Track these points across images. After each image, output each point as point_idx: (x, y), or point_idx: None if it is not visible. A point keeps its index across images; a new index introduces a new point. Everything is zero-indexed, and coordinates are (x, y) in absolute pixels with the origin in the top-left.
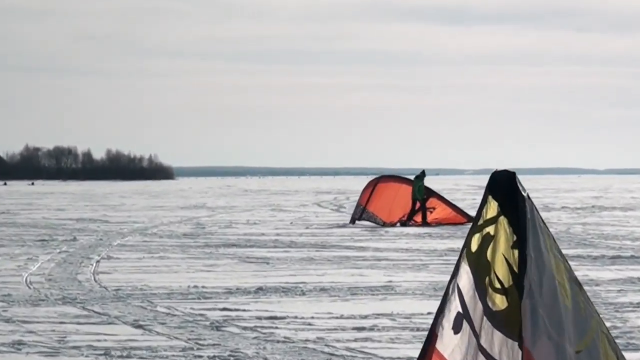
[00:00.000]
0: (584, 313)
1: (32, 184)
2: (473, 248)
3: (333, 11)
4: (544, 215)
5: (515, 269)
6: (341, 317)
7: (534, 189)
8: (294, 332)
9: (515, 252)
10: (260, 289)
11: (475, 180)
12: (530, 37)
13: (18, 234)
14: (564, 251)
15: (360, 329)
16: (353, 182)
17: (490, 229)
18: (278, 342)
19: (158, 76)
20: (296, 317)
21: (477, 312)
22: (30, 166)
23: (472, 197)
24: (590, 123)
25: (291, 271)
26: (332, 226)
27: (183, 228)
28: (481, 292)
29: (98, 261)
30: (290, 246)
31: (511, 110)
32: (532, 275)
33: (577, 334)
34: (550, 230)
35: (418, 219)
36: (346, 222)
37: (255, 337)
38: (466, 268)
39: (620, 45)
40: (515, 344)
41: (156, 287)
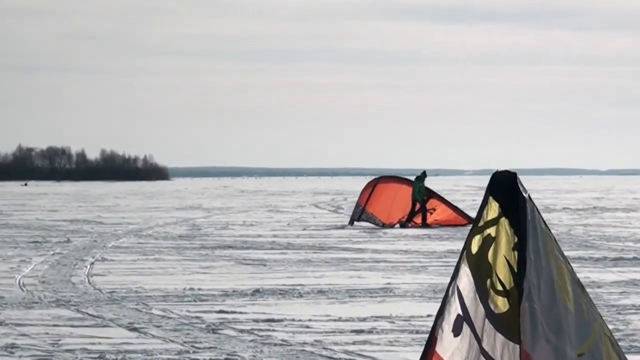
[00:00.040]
0: (586, 315)
1: (25, 184)
2: (473, 250)
3: (332, 10)
4: (544, 216)
5: (517, 271)
6: (339, 319)
7: (535, 189)
8: (291, 335)
9: (517, 254)
10: (257, 291)
11: (475, 181)
12: (530, 36)
13: (11, 236)
14: (565, 253)
15: (359, 332)
16: (351, 183)
17: (492, 231)
18: (275, 345)
19: (153, 75)
20: (293, 320)
21: (478, 314)
22: (23, 167)
23: (472, 198)
24: (590, 123)
25: (288, 273)
26: (330, 227)
27: (178, 229)
28: (482, 294)
29: (92, 263)
30: (287, 248)
31: (511, 110)
32: (531, 278)
33: (580, 337)
34: (552, 231)
35: (418, 220)
36: (344, 224)
37: (252, 340)
38: (466, 270)
39: (620, 44)
40: (517, 346)
41: (151, 290)
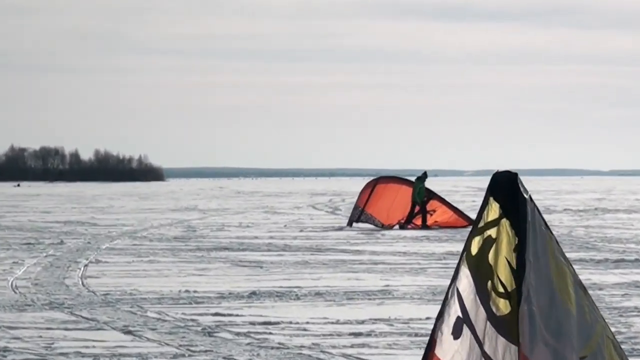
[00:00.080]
0: (588, 318)
1: (18, 185)
2: (473, 251)
3: (329, 9)
4: (545, 217)
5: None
6: (337, 322)
7: (535, 190)
8: (288, 338)
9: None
10: (254, 293)
11: (474, 182)
12: (530, 36)
13: (3, 237)
14: (566, 255)
15: (357, 335)
16: (349, 184)
17: (492, 232)
18: (272, 348)
19: (148, 75)
20: (291, 323)
21: (479, 317)
22: (16, 167)
23: (471, 199)
24: (590, 123)
25: (285, 275)
26: (327, 229)
27: (174, 231)
28: (483, 296)
29: (86, 265)
30: (284, 249)
31: (511, 110)
32: (530, 281)
33: (582, 339)
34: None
35: (418, 221)
36: (342, 225)
37: (248, 343)
38: (466, 272)
39: (621, 44)
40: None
41: (146, 292)
